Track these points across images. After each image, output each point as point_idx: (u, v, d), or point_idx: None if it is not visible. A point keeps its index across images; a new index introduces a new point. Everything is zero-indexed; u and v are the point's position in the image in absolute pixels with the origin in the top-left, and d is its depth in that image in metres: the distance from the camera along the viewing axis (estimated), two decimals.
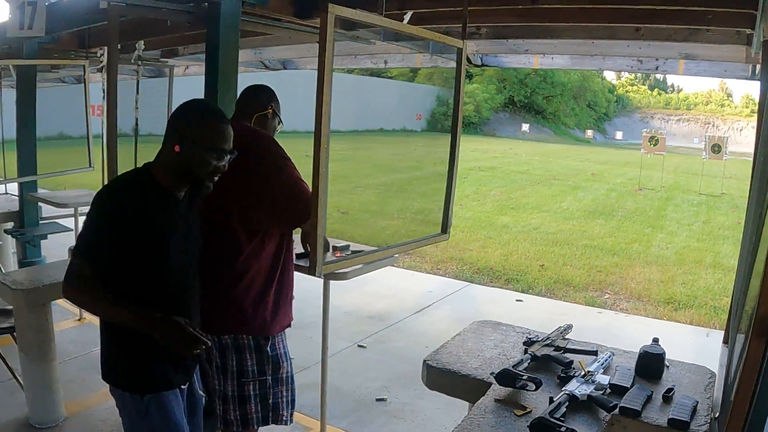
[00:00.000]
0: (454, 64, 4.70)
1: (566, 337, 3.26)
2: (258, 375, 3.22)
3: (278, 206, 3.09)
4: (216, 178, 2.45)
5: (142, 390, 2.40)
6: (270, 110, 3.33)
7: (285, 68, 8.14)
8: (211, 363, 3.35)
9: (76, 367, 5.12)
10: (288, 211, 3.12)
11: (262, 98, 3.36)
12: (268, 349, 3.21)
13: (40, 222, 7.29)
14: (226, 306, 3.12)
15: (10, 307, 4.31)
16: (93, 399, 4.61)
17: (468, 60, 5.00)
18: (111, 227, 2.26)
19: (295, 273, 3.52)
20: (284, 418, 3.35)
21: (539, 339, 3.14)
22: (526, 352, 3.00)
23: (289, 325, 3.37)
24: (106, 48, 6.53)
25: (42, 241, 7.07)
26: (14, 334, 4.29)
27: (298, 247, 3.68)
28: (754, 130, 3.35)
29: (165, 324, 2.26)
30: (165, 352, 2.34)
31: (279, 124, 3.43)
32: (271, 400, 3.28)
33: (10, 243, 7.51)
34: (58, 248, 6.72)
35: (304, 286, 2.29)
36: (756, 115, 3.41)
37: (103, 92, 6.81)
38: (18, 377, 4.41)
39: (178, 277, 2.47)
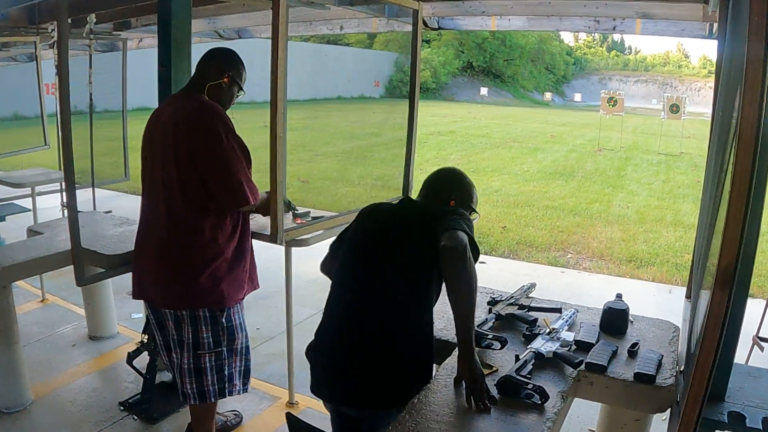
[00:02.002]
0: (410, 28, 4.64)
1: (530, 295, 3.28)
2: (214, 347, 3.20)
3: (210, 187, 3.03)
4: None
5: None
6: (225, 79, 3.18)
7: (240, 37, 7.99)
8: (168, 337, 3.32)
9: (41, 349, 5.03)
10: (219, 194, 3.04)
11: (217, 65, 3.20)
12: (224, 320, 3.20)
13: None
14: (182, 281, 3.08)
15: None
16: (60, 380, 4.53)
17: (425, 23, 4.93)
18: None
19: (257, 242, 3.49)
20: (237, 388, 3.36)
21: (503, 298, 3.15)
22: (490, 311, 3.01)
23: (242, 298, 3.35)
24: (56, 22, 6.38)
25: (0, 223, 6.92)
26: None
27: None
28: (712, 91, 3.36)
29: (477, 375, 2.27)
30: None
31: (239, 92, 3.28)
32: (226, 371, 3.27)
33: None
34: (16, 230, 6.55)
35: (266, 256, 2.25)
36: (713, 76, 3.43)
37: (56, 68, 6.69)
38: None
39: None
